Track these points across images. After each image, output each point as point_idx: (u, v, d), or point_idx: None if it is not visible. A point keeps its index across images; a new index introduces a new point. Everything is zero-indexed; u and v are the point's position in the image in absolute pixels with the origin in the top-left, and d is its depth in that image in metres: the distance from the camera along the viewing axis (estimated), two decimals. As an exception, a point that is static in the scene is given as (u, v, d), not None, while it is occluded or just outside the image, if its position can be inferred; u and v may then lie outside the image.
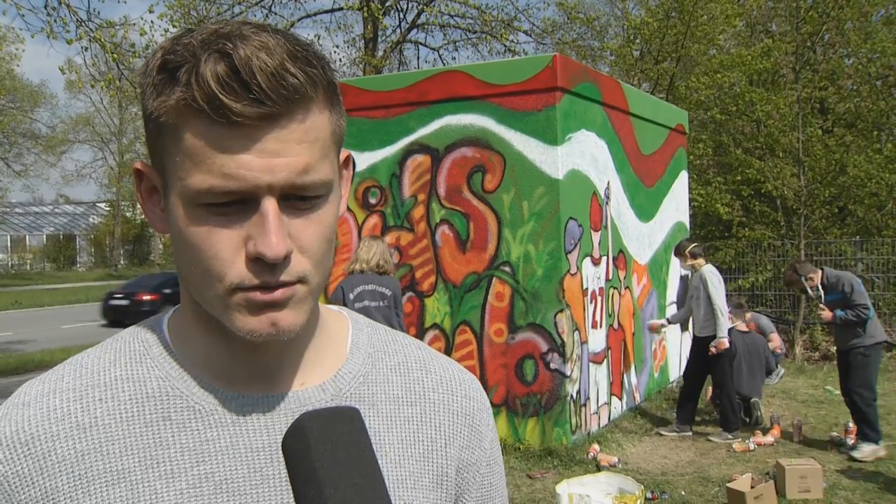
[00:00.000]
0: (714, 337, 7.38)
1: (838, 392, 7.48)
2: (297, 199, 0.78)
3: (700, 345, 7.62)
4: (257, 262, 0.77)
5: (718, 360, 7.44)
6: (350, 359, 0.93)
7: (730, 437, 7.40)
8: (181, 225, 0.79)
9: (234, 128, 0.74)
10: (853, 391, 6.78)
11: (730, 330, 7.97)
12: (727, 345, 7.36)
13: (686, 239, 7.70)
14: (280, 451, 0.76)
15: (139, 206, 0.84)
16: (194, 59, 0.74)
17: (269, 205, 0.76)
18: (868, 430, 6.77)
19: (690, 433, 7.64)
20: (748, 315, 9.09)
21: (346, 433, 0.72)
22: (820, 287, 6.90)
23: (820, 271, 6.95)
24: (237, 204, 0.77)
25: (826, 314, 6.86)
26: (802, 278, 6.94)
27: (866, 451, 6.72)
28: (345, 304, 5.75)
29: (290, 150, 0.76)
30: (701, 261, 7.63)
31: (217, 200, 0.76)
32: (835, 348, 7.69)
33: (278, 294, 0.78)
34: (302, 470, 0.70)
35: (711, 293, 7.39)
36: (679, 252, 7.76)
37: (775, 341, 9.72)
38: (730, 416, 7.48)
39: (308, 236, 0.79)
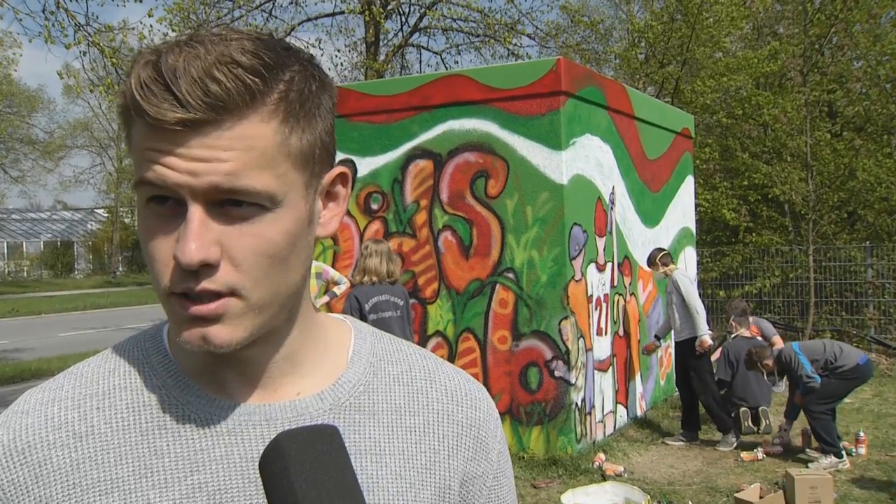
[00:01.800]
0: (695, 338, 7.38)
1: (848, 400, 7.39)
2: (229, 204, 0.75)
3: (681, 350, 7.61)
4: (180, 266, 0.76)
5: (700, 360, 7.42)
6: (350, 367, 0.91)
7: (732, 439, 7.34)
8: (138, 226, 0.81)
9: (158, 131, 0.74)
10: (804, 405, 6.76)
11: (734, 337, 7.91)
12: (710, 341, 7.43)
13: (655, 249, 7.87)
14: None
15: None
16: (136, 64, 0.76)
17: (193, 209, 0.74)
18: (824, 445, 6.70)
19: (698, 442, 7.55)
20: (751, 318, 9.03)
21: (325, 452, 0.70)
22: (775, 373, 7.04)
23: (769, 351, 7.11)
24: (174, 206, 0.76)
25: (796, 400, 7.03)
26: (759, 363, 7.07)
27: (825, 462, 6.62)
28: (361, 315, 5.65)
29: (216, 157, 0.74)
30: (672, 266, 7.79)
31: (150, 194, 0.76)
32: None
33: (203, 309, 0.76)
34: (280, 491, 0.68)
35: (686, 293, 7.45)
36: (651, 263, 7.86)
37: (778, 344, 9.64)
38: (719, 416, 7.43)
39: (242, 248, 0.76)
